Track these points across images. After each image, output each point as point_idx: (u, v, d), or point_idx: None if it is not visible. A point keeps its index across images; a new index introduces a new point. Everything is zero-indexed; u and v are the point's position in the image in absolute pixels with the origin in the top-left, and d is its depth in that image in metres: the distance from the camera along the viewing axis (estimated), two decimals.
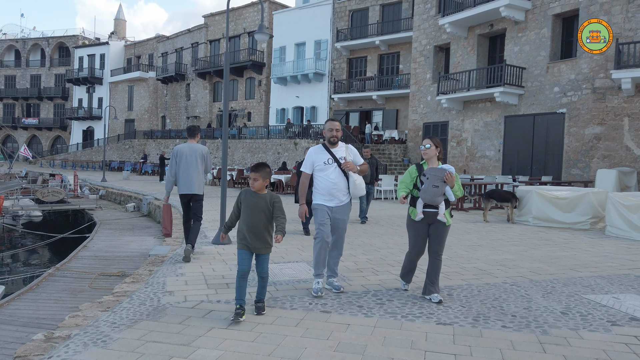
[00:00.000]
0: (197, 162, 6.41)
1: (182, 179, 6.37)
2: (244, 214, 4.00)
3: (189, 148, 6.44)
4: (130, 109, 47.32)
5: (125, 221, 14.11)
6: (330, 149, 4.76)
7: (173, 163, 6.42)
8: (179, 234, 8.87)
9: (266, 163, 4.10)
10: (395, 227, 9.64)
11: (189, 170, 6.35)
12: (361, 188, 4.75)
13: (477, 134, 20.15)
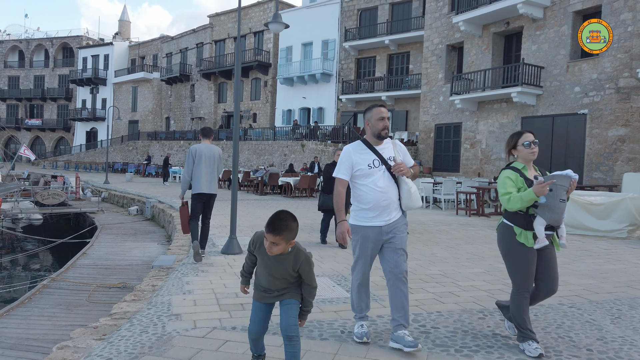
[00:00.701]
0: (215, 163, 6.47)
1: (203, 179, 6.31)
2: (260, 270, 2.87)
3: (207, 148, 6.44)
4: (134, 110, 46.82)
5: (127, 225, 13.48)
6: (374, 146, 3.48)
7: (190, 162, 6.35)
8: (183, 241, 8.22)
9: (291, 215, 2.75)
10: (416, 235, 8.95)
11: (207, 170, 6.35)
12: (417, 199, 3.50)
13: (492, 135, 19.44)
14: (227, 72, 35.95)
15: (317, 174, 19.04)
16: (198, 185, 6.34)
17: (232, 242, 6.72)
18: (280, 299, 2.83)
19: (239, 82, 7.60)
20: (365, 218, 3.43)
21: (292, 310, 2.78)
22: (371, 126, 3.48)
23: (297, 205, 14.66)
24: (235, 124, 7.55)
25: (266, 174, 18.81)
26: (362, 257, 3.50)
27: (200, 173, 6.33)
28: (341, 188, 3.51)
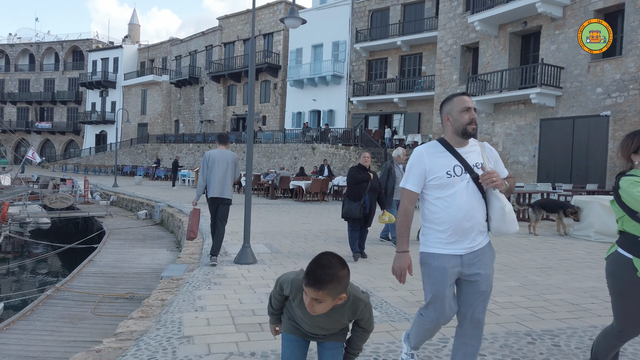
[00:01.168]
0: (228, 168, 6.56)
1: (214, 183, 6.48)
2: (298, 314, 2.18)
3: (220, 153, 6.60)
4: (143, 113, 46.73)
5: (136, 230, 13.13)
6: (456, 148, 2.62)
7: (205, 168, 6.53)
8: (193, 249, 7.82)
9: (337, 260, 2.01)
10: None
11: (220, 175, 6.49)
12: (512, 220, 2.61)
13: (509, 138, 18.90)
14: (237, 75, 35.69)
15: (328, 177, 18.60)
16: (211, 190, 6.53)
17: (246, 251, 6.30)
18: (323, 340, 2.23)
19: (253, 83, 7.20)
20: (440, 243, 2.57)
21: (336, 357, 2.20)
22: (452, 121, 2.60)
23: (310, 210, 14.24)
24: (249, 127, 7.15)
25: (277, 177, 18.43)
26: (438, 298, 2.58)
27: (214, 178, 6.48)
28: (409, 204, 2.62)
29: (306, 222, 11.11)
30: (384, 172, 7.97)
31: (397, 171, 7.97)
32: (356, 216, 6.57)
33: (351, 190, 6.73)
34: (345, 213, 6.75)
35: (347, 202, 6.71)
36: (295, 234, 9.18)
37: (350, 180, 6.76)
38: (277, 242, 8.09)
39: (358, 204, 6.55)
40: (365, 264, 6.53)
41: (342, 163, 22.62)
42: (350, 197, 6.72)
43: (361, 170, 6.71)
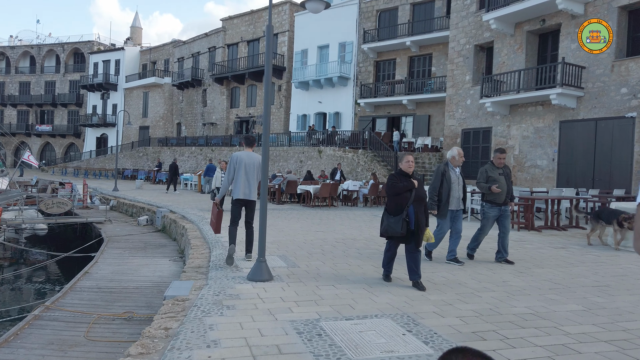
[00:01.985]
0: (255, 170, 6.65)
1: (242, 185, 6.57)
2: None
3: (247, 156, 6.67)
4: (144, 116, 46.05)
5: (136, 238, 12.35)
6: None
7: (232, 170, 6.62)
8: (200, 260, 7.04)
9: None
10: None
11: (248, 177, 6.59)
12: None
13: (526, 141, 18.11)
14: (240, 77, 34.99)
15: (338, 182, 17.83)
16: (237, 192, 6.61)
17: (261, 266, 5.52)
18: None
19: (269, 83, 6.41)
20: None
21: None
22: None
23: (320, 216, 13.45)
24: (265, 130, 6.38)
25: (284, 181, 17.65)
26: None
27: (240, 180, 6.58)
28: None
29: (319, 229, 10.32)
30: (436, 177, 6.84)
31: (452, 175, 6.82)
32: (398, 233, 5.37)
33: (391, 202, 5.55)
34: (385, 230, 5.49)
35: (387, 217, 5.48)
36: (310, 244, 8.38)
37: (390, 191, 5.57)
38: (292, 254, 7.30)
39: (400, 219, 5.34)
40: (401, 285, 5.73)
41: (350, 167, 21.85)
42: (389, 210, 5.49)
43: (403, 177, 5.53)
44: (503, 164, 7.14)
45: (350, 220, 12.44)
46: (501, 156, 7.13)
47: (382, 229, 5.59)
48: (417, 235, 5.42)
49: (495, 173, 6.99)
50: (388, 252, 5.73)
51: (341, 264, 6.63)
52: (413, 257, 5.45)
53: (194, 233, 9.86)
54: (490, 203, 7.09)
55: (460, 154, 7.02)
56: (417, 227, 5.40)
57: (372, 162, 20.73)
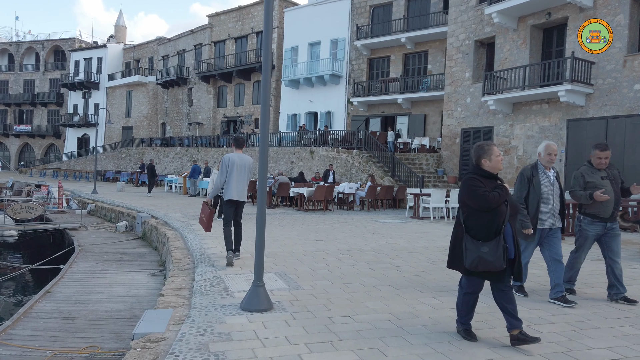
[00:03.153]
0: (246, 172, 6.81)
1: (234, 186, 6.67)
2: None
3: (239, 158, 6.77)
4: (128, 116, 44.46)
5: (112, 247, 11.08)
6: None
7: (224, 171, 6.69)
8: (182, 280, 5.87)
9: None
10: None
11: (240, 178, 6.73)
12: None
13: (530, 140, 17.21)
14: (228, 75, 33.74)
15: (332, 184, 16.71)
16: (229, 192, 6.69)
17: (258, 292, 4.37)
18: None
19: (268, 80, 5.26)
20: None
21: None
22: None
23: (316, 221, 12.31)
24: (262, 130, 5.22)
25: (275, 183, 16.49)
26: None
27: (233, 182, 6.68)
28: None
29: (318, 238, 9.20)
30: (521, 184, 5.01)
31: (544, 181, 4.96)
32: (498, 268, 3.52)
33: (477, 220, 3.60)
34: (475, 264, 3.53)
35: (473, 244, 3.55)
36: (312, 256, 7.25)
37: (476, 203, 3.56)
38: (292, 270, 6.16)
39: (497, 246, 3.50)
40: None
41: (344, 168, 20.76)
42: (476, 233, 3.59)
43: (488, 181, 3.63)
44: (606, 164, 5.23)
45: (351, 226, 11.34)
46: (601, 154, 5.17)
47: (468, 261, 3.55)
48: (519, 266, 3.63)
49: (597, 177, 5.15)
50: (471, 295, 3.81)
51: (353, 283, 5.50)
52: (507, 297, 3.66)
53: (176, 243, 8.66)
54: (590, 217, 5.15)
55: (551, 150, 5.07)
56: (518, 255, 3.61)
57: (368, 163, 19.67)
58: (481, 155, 3.68)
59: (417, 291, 5.18)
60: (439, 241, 9.08)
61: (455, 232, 3.77)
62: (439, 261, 6.95)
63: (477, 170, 3.69)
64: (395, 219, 13.16)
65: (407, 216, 14.04)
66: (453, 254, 3.77)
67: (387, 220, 12.75)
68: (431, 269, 6.42)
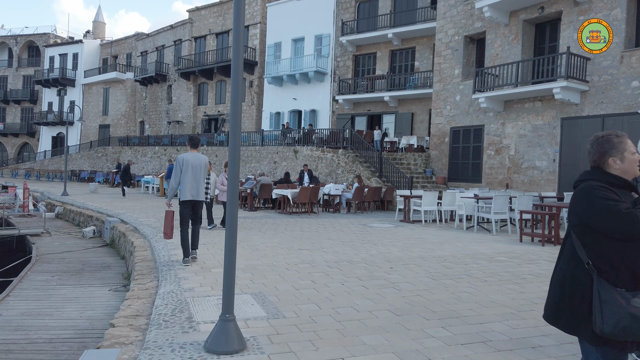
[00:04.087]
0: (202, 171, 6.77)
1: (189, 186, 6.59)
2: None
3: (194, 157, 6.69)
4: (105, 114, 42.93)
5: (75, 256, 10.03)
6: None
7: (178, 172, 6.63)
8: (141, 303, 4.93)
9: None
10: (529, 287, 5.80)
11: (195, 178, 6.66)
12: None
13: (522, 140, 16.57)
14: (208, 72, 32.60)
15: (317, 185, 15.82)
16: (185, 193, 6.64)
17: (227, 328, 3.45)
18: None
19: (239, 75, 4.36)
20: None
21: None
22: None
23: (301, 225, 11.41)
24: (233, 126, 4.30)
25: (257, 184, 15.55)
26: None
27: (186, 181, 6.61)
28: None
29: (303, 246, 8.31)
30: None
31: None
32: None
33: (617, 254, 2.19)
34: (622, 329, 2.08)
35: (613, 295, 2.13)
36: (295, 270, 6.36)
37: (617, 225, 2.15)
38: (272, 290, 5.26)
39: None
40: None
41: (329, 168, 19.91)
42: (616, 276, 2.19)
43: (623, 193, 2.29)
44: None
45: (338, 231, 10.48)
46: None
47: (610, 324, 2.10)
48: None
49: None
50: None
51: (344, 307, 4.63)
52: None
53: (142, 254, 7.68)
54: None
55: None
56: None
57: (354, 163, 18.84)
58: (608, 152, 2.39)
59: (422, 318, 4.33)
60: (435, 249, 8.26)
61: (570, 273, 2.30)
62: (440, 276, 6.12)
63: (602, 174, 2.36)
64: (384, 223, 12.34)
65: (397, 219, 13.24)
66: (566, 307, 2.29)
67: (376, 225, 11.92)
68: (433, 286, 5.58)
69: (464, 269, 6.60)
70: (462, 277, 6.07)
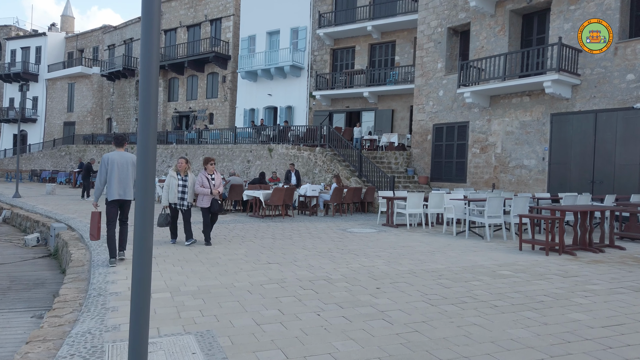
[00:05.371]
0: (129, 169, 6.64)
1: (116, 186, 6.53)
2: None
3: (119, 156, 6.65)
4: (70, 110, 40.72)
5: (4, 270, 8.54)
6: None
7: (103, 171, 6.58)
8: (41, 353, 3.60)
9: None
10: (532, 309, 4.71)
11: (121, 177, 6.58)
12: None
13: (510, 137, 15.67)
14: (179, 66, 30.99)
15: (293, 186, 14.59)
16: (112, 193, 6.56)
17: None
18: None
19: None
20: None
21: None
22: None
23: (273, 231, 10.16)
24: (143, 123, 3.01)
25: (226, 185, 14.22)
26: None
27: (112, 181, 6.54)
28: None
29: (272, 259, 7.08)
30: None
31: None
32: None
33: None
34: None
35: None
36: (260, 293, 5.13)
37: None
38: (225, 326, 4.01)
39: None
40: None
41: (306, 167, 18.69)
42: None
43: None
44: None
45: (314, 238, 9.27)
46: None
47: None
48: None
49: None
50: None
51: (321, 355, 3.41)
52: None
53: (76, 270, 6.34)
54: None
55: None
56: None
57: (332, 162, 17.67)
58: None
59: None
60: (426, 261, 7.14)
61: None
62: (438, 299, 4.97)
63: None
64: (366, 228, 11.19)
65: (379, 223, 12.10)
66: None
67: (357, 230, 10.76)
68: (432, 315, 4.42)
69: (465, 288, 5.48)
70: (466, 300, 4.93)
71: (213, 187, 8.35)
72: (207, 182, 8.33)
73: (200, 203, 8.36)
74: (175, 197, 8.14)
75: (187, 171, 8.34)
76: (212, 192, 8.30)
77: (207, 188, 8.30)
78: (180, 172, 8.29)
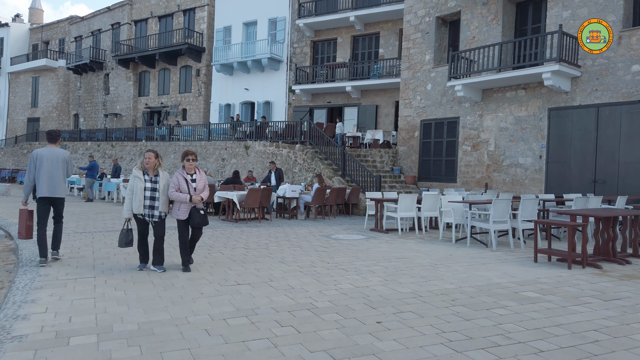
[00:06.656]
0: (59, 166, 6.37)
1: (45, 183, 6.24)
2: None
3: (49, 152, 6.39)
4: (34, 106, 38.40)
5: None
6: None
7: (32, 168, 6.32)
8: None
9: None
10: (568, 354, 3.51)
11: (50, 174, 6.28)
12: None
13: (504, 134, 14.64)
14: (150, 59, 29.23)
15: (271, 187, 13.23)
16: (41, 189, 6.27)
17: None
18: None
19: None
20: None
21: None
22: None
23: (246, 239, 8.81)
24: None
25: None
26: None
27: (41, 177, 6.24)
28: None
29: (243, 278, 5.75)
30: None
31: None
32: None
33: None
34: None
35: None
36: (222, 331, 3.79)
37: None
38: None
39: None
40: None
41: (286, 165, 17.36)
42: None
43: None
44: None
45: (295, 248, 7.97)
46: None
47: None
48: None
49: None
50: None
51: None
52: None
53: None
54: None
55: None
56: None
57: (314, 160, 16.39)
58: None
59: None
60: (430, 278, 5.91)
61: None
62: (461, 339, 3.72)
63: None
64: (352, 233, 9.94)
65: (366, 228, 10.87)
66: None
67: (342, 236, 9.50)
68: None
69: (490, 320, 4.25)
70: (498, 341, 3.70)
71: (194, 192, 6.03)
72: (185, 185, 5.99)
73: (176, 214, 6.06)
74: (141, 205, 5.89)
75: (157, 169, 6.04)
76: (192, 199, 5.97)
77: (185, 193, 5.99)
78: (148, 170, 6.00)
